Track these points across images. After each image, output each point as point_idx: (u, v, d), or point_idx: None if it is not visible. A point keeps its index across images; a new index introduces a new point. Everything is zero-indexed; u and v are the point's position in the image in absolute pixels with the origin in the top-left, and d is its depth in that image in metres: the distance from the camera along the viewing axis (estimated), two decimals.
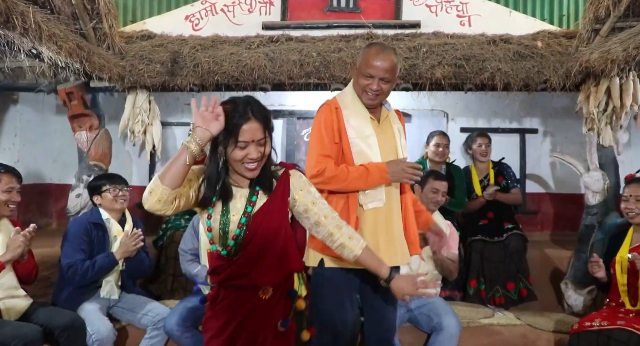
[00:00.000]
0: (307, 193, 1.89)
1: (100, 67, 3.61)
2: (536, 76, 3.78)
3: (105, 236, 3.19)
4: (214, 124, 1.68)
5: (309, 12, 4.49)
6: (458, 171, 4.21)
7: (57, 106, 5.03)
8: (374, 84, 2.24)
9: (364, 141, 2.28)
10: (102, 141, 4.12)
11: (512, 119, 5.04)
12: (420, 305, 3.15)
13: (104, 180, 3.31)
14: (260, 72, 3.84)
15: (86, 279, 3.04)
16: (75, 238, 3.12)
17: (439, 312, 3.06)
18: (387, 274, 1.95)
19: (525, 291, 3.69)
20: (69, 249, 3.10)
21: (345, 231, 1.92)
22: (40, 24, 2.89)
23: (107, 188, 3.24)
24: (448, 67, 3.79)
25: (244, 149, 1.73)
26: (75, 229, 3.16)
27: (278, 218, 1.83)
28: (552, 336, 3.28)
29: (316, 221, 1.89)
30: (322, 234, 1.92)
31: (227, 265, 1.82)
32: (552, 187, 5.09)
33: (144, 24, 4.48)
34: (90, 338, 2.90)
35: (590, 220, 3.79)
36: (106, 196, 3.24)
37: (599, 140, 3.74)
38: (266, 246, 1.80)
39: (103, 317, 3.03)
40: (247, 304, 1.82)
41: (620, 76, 3.48)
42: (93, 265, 3.04)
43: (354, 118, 2.30)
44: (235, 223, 1.79)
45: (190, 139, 1.69)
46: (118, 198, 3.25)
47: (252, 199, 1.81)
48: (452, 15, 4.42)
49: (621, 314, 2.82)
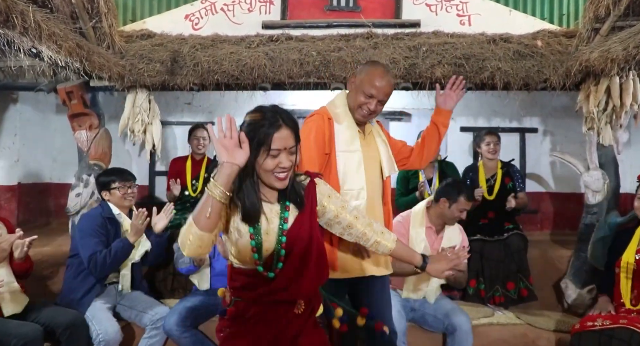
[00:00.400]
0: (335, 198, 1.90)
1: (100, 66, 3.61)
2: (536, 75, 3.77)
3: (119, 230, 3.20)
4: (239, 154, 1.56)
5: (309, 11, 4.49)
6: (451, 168, 4.22)
7: (57, 105, 5.03)
8: (372, 104, 2.27)
9: (350, 155, 2.28)
10: (102, 140, 4.11)
11: (512, 118, 5.04)
12: (424, 303, 3.15)
13: (114, 176, 3.28)
14: (260, 71, 3.83)
15: (106, 267, 3.03)
16: (92, 230, 3.10)
17: (447, 312, 3.06)
18: (421, 262, 2.01)
19: (526, 291, 3.68)
20: (89, 241, 3.07)
21: (376, 227, 1.96)
22: (40, 23, 2.88)
23: (117, 185, 3.24)
24: (448, 67, 3.79)
25: (275, 158, 1.67)
26: (90, 223, 3.14)
27: (310, 230, 1.79)
28: (552, 335, 3.29)
29: (348, 223, 1.90)
30: (354, 236, 1.94)
31: (263, 282, 1.75)
32: (552, 186, 5.10)
33: (143, 23, 4.48)
34: (97, 337, 2.90)
35: (590, 219, 3.79)
36: (115, 193, 3.25)
37: (599, 139, 3.74)
38: (304, 259, 1.77)
39: (111, 317, 3.04)
40: (281, 319, 1.77)
41: (620, 75, 3.48)
42: (109, 252, 3.03)
43: (344, 131, 2.30)
44: (272, 242, 1.73)
45: (214, 183, 1.56)
46: (127, 195, 3.26)
47: (285, 216, 1.76)
48: (452, 15, 4.42)
49: (623, 313, 2.82)
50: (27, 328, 2.69)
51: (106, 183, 3.26)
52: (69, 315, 2.91)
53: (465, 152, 5.05)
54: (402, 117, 5.11)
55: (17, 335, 2.60)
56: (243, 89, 4.03)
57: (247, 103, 4.16)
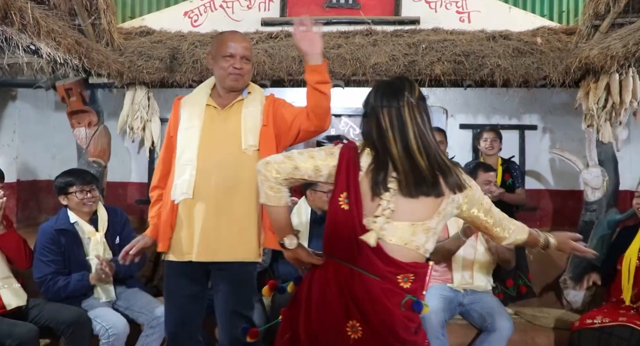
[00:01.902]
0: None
1: (99, 63, 3.60)
2: (536, 72, 3.77)
3: (77, 240, 2.99)
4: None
5: (308, 8, 4.48)
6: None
7: (56, 102, 5.02)
8: (237, 62, 2.21)
9: (186, 132, 2.25)
10: (101, 138, 4.11)
11: (512, 115, 5.04)
12: (473, 300, 3.12)
13: (71, 178, 3.00)
14: (259, 68, 3.83)
15: (60, 297, 2.92)
16: (42, 250, 2.94)
17: (492, 312, 3.02)
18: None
19: (525, 288, 3.68)
20: (38, 262, 2.94)
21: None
22: (38, 19, 2.87)
23: (75, 190, 2.96)
24: (447, 64, 3.78)
25: None
26: (41, 240, 2.96)
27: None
28: (551, 332, 3.28)
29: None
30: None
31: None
32: (552, 183, 5.10)
33: (142, 20, 4.47)
34: (107, 332, 2.82)
35: (589, 216, 3.79)
36: (73, 198, 2.97)
37: (599, 136, 3.73)
38: None
39: (115, 312, 3.00)
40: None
41: (619, 72, 3.47)
42: (66, 286, 2.91)
43: (188, 109, 2.28)
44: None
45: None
46: (86, 200, 2.98)
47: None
48: (452, 12, 4.42)
49: (622, 310, 2.82)
50: (22, 328, 2.67)
51: (63, 186, 2.98)
52: (72, 312, 2.87)
53: (465, 150, 5.04)
54: None
55: (12, 335, 2.59)
56: None
57: None
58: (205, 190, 2.17)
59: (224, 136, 2.22)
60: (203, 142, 2.20)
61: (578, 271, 3.74)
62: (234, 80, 2.22)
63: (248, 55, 2.24)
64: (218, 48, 2.23)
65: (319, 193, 3.31)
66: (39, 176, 5.17)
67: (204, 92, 2.31)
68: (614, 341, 2.65)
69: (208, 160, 2.18)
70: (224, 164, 2.18)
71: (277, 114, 2.27)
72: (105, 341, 2.84)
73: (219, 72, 2.24)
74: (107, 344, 2.84)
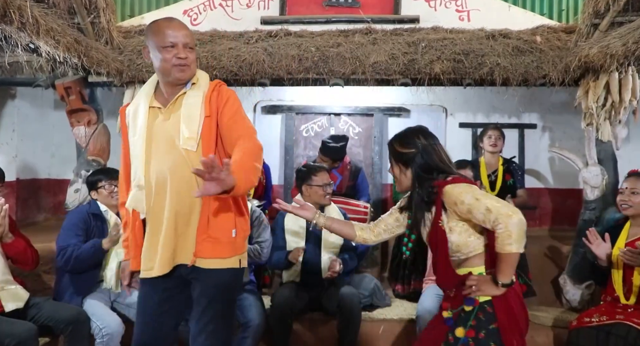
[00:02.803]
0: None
1: (98, 62, 3.60)
2: (535, 71, 3.77)
3: (104, 226, 3.22)
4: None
5: (308, 6, 4.49)
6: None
7: (55, 100, 5.02)
8: (180, 52, 1.99)
9: (133, 139, 2.08)
10: (101, 136, 4.11)
11: (511, 114, 5.04)
12: None
13: (100, 175, 3.33)
14: (259, 67, 3.83)
15: (70, 262, 3.01)
16: (72, 225, 3.16)
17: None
18: None
19: (524, 287, 3.67)
20: (64, 234, 3.14)
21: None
22: (37, 18, 2.87)
23: (103, 184, 3.27)
24: (447, 62, 3.78)
25: None
26: (73, 218, 3.22)
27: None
28: (550, 331, 3.30)
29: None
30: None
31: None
32: (551, 182, 5.10)
33: (142, 19, 4.47)
34: (101, 331, 2.88)
35: (588, 215, 3.79)
36: (102, 192, 3.28)
37: (598, 135, 3.73)
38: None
39: (110, 312, 3.04)
40: None
41: (619, 70, 3.47)
42: (77, 249, 3.04)
43: (131, 115, 2.10)
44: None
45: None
46: (114, 194, 3.25)
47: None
48: (451, 10, 4.42)
49: (620, 309, 2.82)
50: (21, 327, 2.67)
51: (93, 182, 3.32)
52: (72, 311, 2.91)
53: (464, 148, 5.04)
54: (400, 113, 5.09)
55: (11, 334, 2.59)
56: (242, 85, 4.02)
57: (246, 99, 4.15)
58: (159, 202, 2.02)
59: (167, 137, 2.02)
60: (148, 149, 2.03)
61: (577, 270, 3.74)
62: (180, 71, 2.00)
63: (191, 42, 2.02)
64: (155, 39, 2.00)
65: (315, 187, 3.32)
66: (38, 175, 5.17)
67: (144, 93, 2.11)
68: (612, 339, 2.66)
69: (157, 168, 2.02)
70: (175, 169, 1.99)
71: (223, 115, 2.03)
72: (99, 341, 2.88)
73: (161, 66, 2.01)
74: (101, 343, 2.88)
